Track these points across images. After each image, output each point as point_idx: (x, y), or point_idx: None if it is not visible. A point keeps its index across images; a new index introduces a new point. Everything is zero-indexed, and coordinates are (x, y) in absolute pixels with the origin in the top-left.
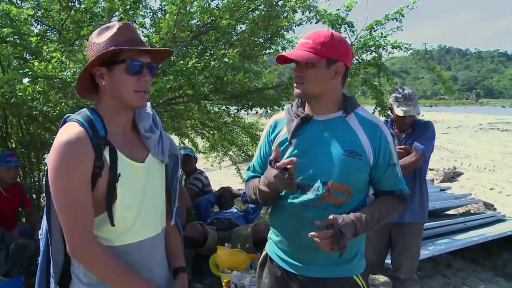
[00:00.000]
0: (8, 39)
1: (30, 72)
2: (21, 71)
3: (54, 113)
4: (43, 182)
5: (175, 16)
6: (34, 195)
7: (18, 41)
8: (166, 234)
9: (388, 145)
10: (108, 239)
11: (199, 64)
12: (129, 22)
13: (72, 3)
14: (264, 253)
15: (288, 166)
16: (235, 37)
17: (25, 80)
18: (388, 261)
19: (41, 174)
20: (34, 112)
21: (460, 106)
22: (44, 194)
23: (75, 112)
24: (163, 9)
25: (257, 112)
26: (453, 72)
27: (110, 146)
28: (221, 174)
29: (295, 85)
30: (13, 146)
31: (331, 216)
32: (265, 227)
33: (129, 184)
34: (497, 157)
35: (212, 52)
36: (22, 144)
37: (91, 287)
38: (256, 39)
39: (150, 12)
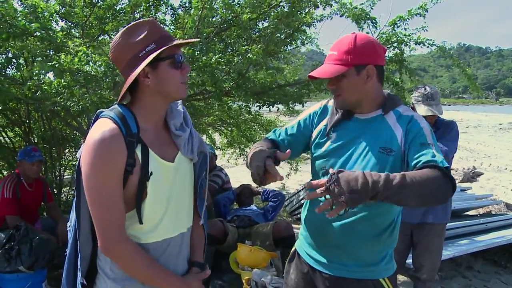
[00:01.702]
0: (35, 33)
1: (57, 65)
2: (48, 63)
3: (76, 108)
4: (64, 177)
5: (200, 11)
6: (55, 190)
7: (44, 36)
8: (191, 231)
9: (421, 129)
10: (135, 237)
11: (222, 60)
12: (153, 19)
13: (96, 0)
14: (293, 248)
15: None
16: (257, 33)
17: (49, 75)
18: (409, 261)
19: (62, 168)
20: (56, 107)
21: (479, 105)
22: (64, 189)
23: (108, 108)
24: (184, 6)
25: (278, 109)
26: (472, 71)
27: (142, 144)
28: (239, 171)
29: (334, 98)
30: (35, 141)
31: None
32: (285, 225)
33: (158, 183)
34: None
35: (234, 48)
36: (44, 139)
37: (116, 282)
38: (279, 35)
39: (170, 9)
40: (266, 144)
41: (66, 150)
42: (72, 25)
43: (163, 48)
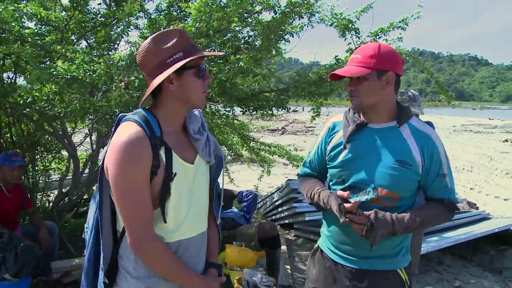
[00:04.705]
0: (28, 39)
1: (55, 72)
2: (47, 70)
3: (63, 112)
4: (40, 182)
5: (198, 23)
6: (28, 195)
7: (37, 42)
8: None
9: (439, 156)
10: (159, 236)
11: (214, 68)
12: (182, 28)
13: (76, 4)
14: (316, 245)
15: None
16: (242, 41)
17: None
18: None
19: (36, 174)
20: (28, 111)
21: (433, 108)
22: (38, 194)
23: (131, 113)
24: (160, 10)
25: (262, 114)
26: (426, 75)
27: (165, 146)
28: None
29: (350, 98)
30: (5, 145)
31: (373, 210)
32: (270, 225)
33: (181, 183)
34: (473, 158)
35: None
36: (14, 144)
37: (139, 280)
38: (268, 43)
39: (145, 14)
40: (314, 181)
41: (39, 155)
42: (51, 28)
43: (190, 58)
